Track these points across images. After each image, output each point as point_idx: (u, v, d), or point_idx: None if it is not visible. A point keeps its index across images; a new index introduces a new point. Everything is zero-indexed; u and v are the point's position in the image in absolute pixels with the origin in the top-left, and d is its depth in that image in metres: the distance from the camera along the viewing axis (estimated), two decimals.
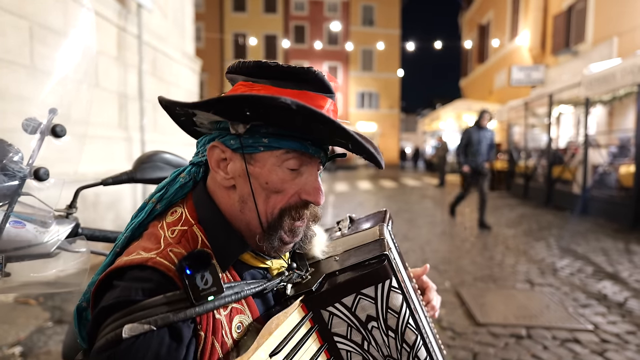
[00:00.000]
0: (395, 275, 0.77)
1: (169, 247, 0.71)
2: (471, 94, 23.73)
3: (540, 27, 14.92)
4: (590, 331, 3.26)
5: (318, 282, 0.79)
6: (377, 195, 12.93)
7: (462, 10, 26.52)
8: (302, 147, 0.74)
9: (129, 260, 0.69)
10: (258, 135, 0.72)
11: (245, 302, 0.74)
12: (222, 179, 0.77)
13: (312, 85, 0.74)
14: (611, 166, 8.45)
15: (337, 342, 0.79)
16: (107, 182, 1.34)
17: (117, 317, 0.63)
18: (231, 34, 32.44)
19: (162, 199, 0.81)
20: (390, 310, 0.77)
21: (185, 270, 0.62)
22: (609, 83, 7.05)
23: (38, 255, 1.03)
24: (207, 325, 0.67)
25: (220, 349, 0.67)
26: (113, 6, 5.25)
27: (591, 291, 4.11)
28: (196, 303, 0.63)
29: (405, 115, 47.58)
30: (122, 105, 5.52)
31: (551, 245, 6.00)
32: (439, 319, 3.48)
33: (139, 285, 0.66)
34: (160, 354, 0.61)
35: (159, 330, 0.62)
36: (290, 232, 0.77)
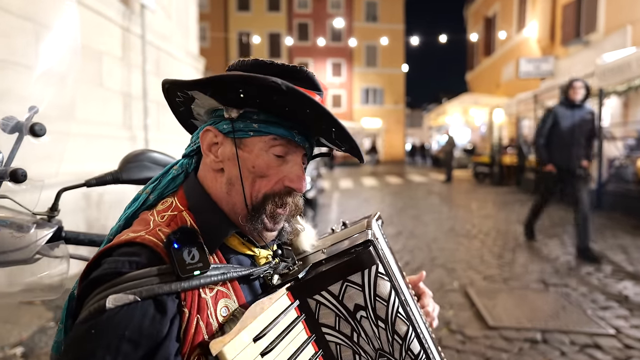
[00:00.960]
0: (382, 262, 0.76)
1: (158, 227, 0.73)
2: (478, 88, 23.38)
3: (549, 17, 14.56)
4: (612, 336, 3.04)
5: (305, 270, 0.79)
6: (382, 192, 12.73)
7: (468, 3, 26.16)
8: (289, 134, 0.78)
9: (117, 241, 0.71)
10: (249, 120, 0.77)
11: (231, 287, 0.75)
12: (211, 161, 0.80)
13: (304, 83, 0.77)
14: (628, 159, 8.15)
15: (326, 333, 0.77)
16: (90, 184, 1.29)
17: (102, 289, 0.63)
18: (236, 33, 32.60)
19: (154, 190, 0.84)
20: (379, 298, 0.76)
21: (173, 244, 0.66)
22: (624, 73, 6.76)
23: (15, 262, 0.99)
24: (192, 302, 0.67)
25: (204, 329, 0.67)
26: (117, 7, 5.32)
27: (611, 292, 3.86)
28: (182, 276, 0.65)
29: (410, 111, 47.26)
30: (126, 105, 5.60)
31: (565, 243, 5.74)
32: (448, 322, 3.31)
33: (126, 258, 0.66)
34: (143, 325, 0.61)
35: (144, 301, 0.62)
36: (272, 218, 0.79)
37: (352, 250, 0.78)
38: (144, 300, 0.62)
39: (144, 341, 0.61)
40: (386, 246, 0.88)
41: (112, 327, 0.60)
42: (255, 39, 28.11)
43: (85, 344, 0.60)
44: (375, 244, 0.77)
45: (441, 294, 3.88)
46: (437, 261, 4.94)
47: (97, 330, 0.60)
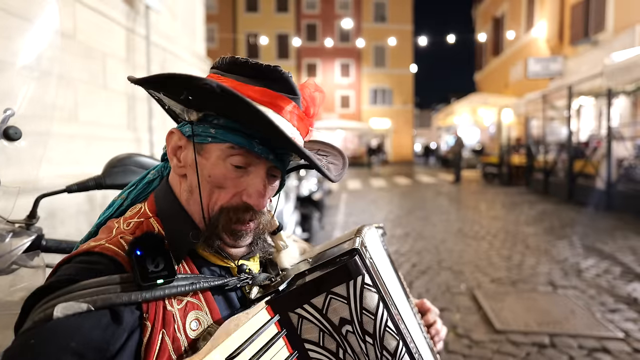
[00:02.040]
0: (369, 272, 0.70)
1: (120, 234, 0.69)
2: (486, 88, 23.26)
3: (558, 17, 14.45)
4: (621, 339, 3.01)
5: (286, 282, 0.73)
6: (390, 193, 12.70)
7: (476, 3, 26.05)
8: (248, 144, 0.70)
9: (76, 251, 0.66)
10: (208, 124, 0.71)
11: (204, 299, 0.69)
12: (175, 166, 0.76)
13: (277, 84, 0.71)
14: (637, 159, 8.07)
15: (309, 349, 0.70)
16: (71, 189, 1.23)
17: (51, 297, 0.57)
18: (244, 34, 32.71)
19: (129, 195, 0.81)
20: (365, 311, 0.69)
21: (135, 251, 0.60)
22: (632, 72, 6.71)
23: None
24: (155, 315, 0.61)
25: (170, 345, 0.61)
26: (121, 8, 5.30)
27: (620, 294, 3.83)
28: (144, 285, 0.59)
29: (419, 111, 47.10)
30: (130, 107, 5.57)
31: (574, 244, 5.70)
32: (454, 326, 3.29)
33: (83, 266, 0.62)
34: (92, 336, 0.55)
35: (98, 311, 0.56)
36: (232, 235, 0.72)
37: (337, 260, 0.72)
38: (97, 310, 0.56)
39: (91, 355, 0.54)
40: (382, 255, 0.84)
41: (55, 337, 0.54)
42: (263, 40, 28.20)
43: (25, 355, 0.53)
44: (361, 253, 0.71)
45: (448, 297, 3.88)
46: (444, 263, 4.94)
47: (38, 341, 0.54)
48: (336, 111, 33.10)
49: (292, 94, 0.72)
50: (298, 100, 0.74)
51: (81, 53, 4.36)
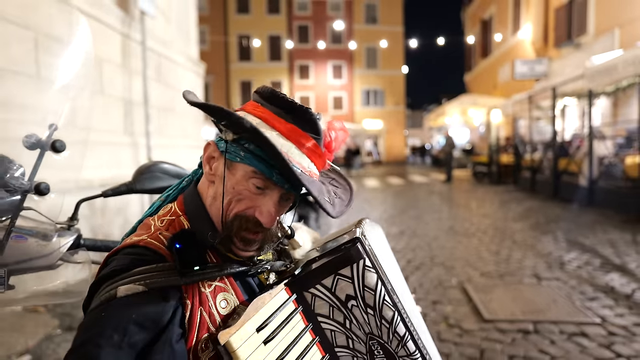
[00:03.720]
0: (368, 256, 0.83)
1: (158, 231, 0.82)
2: (476, 89, 23.62)
3: (542, 20, 14.83)
4: (598, 324, 3.26)
5: (300, 267, 0.87)
6: (384, 193, 12.95)
7: (465, 6, 26.41)
8: (268, 172, 0.81)
9: (122, 245, 0.80)
10: (239, 147, 0.82)
11: (229, 283, 0.83)
12: (207, 172, 0.88)
13: (305, 124, 0.82)
14: (617, 157, 8.42)
15: (321, 322, 0.86)
16: (107, 194, 1.36)
17: (112, 282, 0.72)
18: (235, 36, 32.48)
19: (167, 198, 0.94)
20: (367, 288, 0.83)
21: (175, 244, 0.74)
22: (611, 74, 7.04)
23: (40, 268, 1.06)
24: (193, 296, 0.75)
25: (208, 319, 0.76)
26: (116, 14, 5.29)
27: (599, 284, 4.12)
28: (184, 271, 0.73)
29: (411, 112, 47.39)
30: (127, 112, 5.55)
31: (558, 239, 6.01)
32: (446, 317, 3.50)
33: (133, 257, 0.76)
34: (148, 311, 0.69)
35: (150, 291, 0.70)
36: (243, 241, 0.83)
37: (342, 247, 0.85)
38: (150, 291, 0.70)
39: (148, 324, 0.68)
40: (380, 242, 0.96)
41: (121, 311, 0.68)
42: (256, 42, 28.04)
43: (96, 325, 0.67)
44: (362, 241, 0.84)
45: (440, 290, 4.11)
46: (437, 259, 5.19)
47: (108, 314, 0.67)
48: (329, 113, 33.15)
49: (316, 134, 0.84)
50: (320, 141, 0.85)
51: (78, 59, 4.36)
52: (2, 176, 0.94)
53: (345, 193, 1.00)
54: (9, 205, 0.95)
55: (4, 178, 0.94)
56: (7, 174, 0.95)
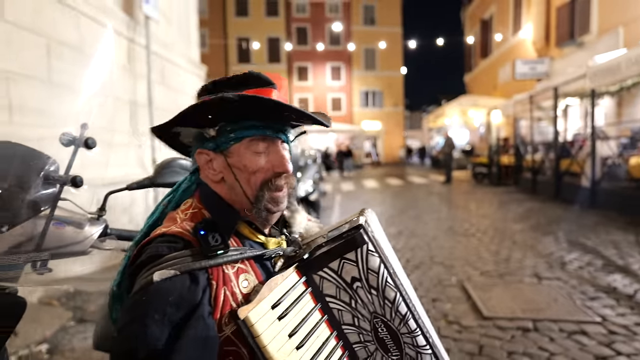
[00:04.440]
0: (371, 242, 0.91)
1: (184, 221, 0.91)
2: (476, 89, 23.60)
3: (544, 19, 14.80)
4: (598, 323, 3.22)
5: (308, 252, 0.94)
6: (383, 194, 12.92)
7: (464, 6, 26.42)
8: (261, 132, 0.93)
9: (153, 235, 0.89)
10: (225, 133, 0.93)
11: (249, 265, 0.91)
12: (212, 175, 0.97)
13: (256, 83, 0.93)
14: (620, 158, 8.35)
15: (329, 301, 0.93)
16: (131, 187, 1.47)
17: (148, 268, 0.81)
18: (235, 39, 32.67)
19: (170, 202, 1.02)
20: (371, 270, 0.90)
21: (199, 231, 0.84)
22: (614, 74, 6.98)
23: (76, 253, 1.16)
24: (218, 276, 0.84)
25: (231, 297, 0.84)
26: (122, 19, 5.50)
27: (600, 284, 4.06)
28: (209, 255, 0.82)
29: (409, 113, 47.46)
30: (132, 113, 5.77)
31: (560, 239, 5.94)
32: (445, 314, 3.48)
33: (164, 244, 0.84)
34: (183, 293, 0.78)
35: (182, 275, 0.79)
36: (274, 201, 0.95)
37: (346, 234, 0.92)
38: (182, 274, 0.79)
39: (184, 304, 0.78)
40: (380, 231, 1.03)
41: (159, 294, 0.77)
42: (255, 45, 28.20)
43: (139, 307, 0.76)
44: (365, 228, 0.92)
45: (440, 288, 4.07)
46: (436, 259, 5.14)
47: (148, 297, 0.77)
48: (328, 114, 33.26)
49: (271, 84, 0.95)
50: (275, 86, 0.96)
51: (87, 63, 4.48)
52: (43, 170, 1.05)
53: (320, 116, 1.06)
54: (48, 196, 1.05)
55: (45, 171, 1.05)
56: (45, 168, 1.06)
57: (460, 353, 2.87)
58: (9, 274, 0.97)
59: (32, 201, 1.02)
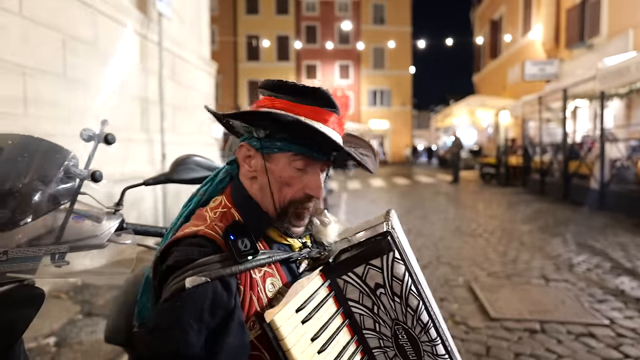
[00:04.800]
0: (397, 249, 0.91)
1: (214, 222, 0.91)
2: (484, 90, 23.50)
3: (554, 21, 14.72)
4: (606, 326, 3.23)
5: (334, 255, 0.95)
6: (390, 193, 12.92)
7: (474, 6, 26.31)
8: (308, 151, 0.92)
9: (183, 233, 0.89)
10: (274, 139, 0.92)
11: (275, 268, 0.92)
12: (246, 171, 0.97)
13: (321, 101, 0.91)
14: (630, 160, 8.31)
15: (351, 306, 0.94)
16: (148, 183, 1.49)
17: (179, 273, 0.81)
18: (244, 36, 32.77)
19: (207, 192, 1.02)
20: (395, 278, 0.91)
21: (229, 236, 0.84)
22: (624, 76, 6.96)
23: (93, 246, 1.18)
24: (245, 281, 0.85)
25: (256, 302, 0.86)
26: (136, 16, 5.54)
27: (608, 287, 4.06)
28: (239, 261, 0.82)
29: (417, 112, 47.36)
30: (143, 109, 5.78)
31: (568, 241, 5.94)
32: (452, 314, 3.49)
33: (194, 248, 0.85)
34: (216, 299, 0.79)
35: (213, 281, 0.79)
36: (297, 217, 0.95)
37: (373, 239, 0.92)
38: (213, 281, 0.79)
39: (219, 312, 0.79)
40: (402, 234, 1.02)
41: (193, 300, 0.77)
42: (265, 43, 28.25)
43: (174, 314, 0.77)
44: (392, 234, 0.91)
45: (447, 289, 4.09)
46: (443, 259, 5.16)
47: (182, 303, 0.77)
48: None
49: (333, 107, 0.94)
50: (337, 111, 0.95)
51: (101, 59, 4.56)
52: (63, 164, 1.05)
53: (367, 150, 1.10)
54: (68, 190, 1.06)
55: (66, 166, 1.05)
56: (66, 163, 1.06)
57: (467, 354, 2.88)
58: (29, 266, 0.98)
59: (53, 195, 1.02)
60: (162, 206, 5.92)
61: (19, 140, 1.05)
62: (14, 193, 0.95)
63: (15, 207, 0.95)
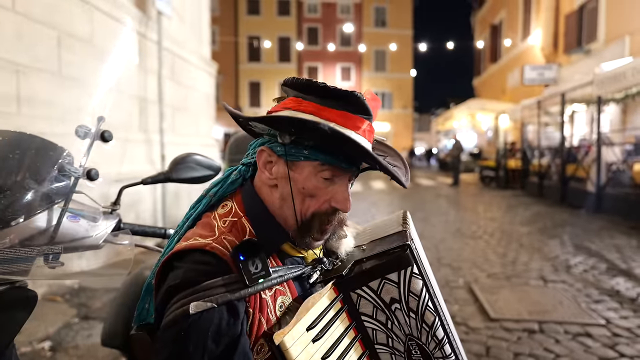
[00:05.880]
0: (416, 263, 0.86)
1: (222, 234, 0.83)
2: (484, 94, 23.63)
3: (552, 26, 14.86)
4: (602, 326, 3.31)
5: (347, 268, 0.89)
6: (391, 195, 13.00)
7: (474, 10, 26.43)
8: (336, 161, 0.84)
9: (189, 245, 0.81)
10: (301, 146, 0.84)
11: (287, 285, 0.86)
12: (266, 178, 0.88)
13: (353, 107, 0.82)
14: (625, 164, 8.44)
15: (364, 321, 0.89)
16: (146, 182, 1.43)
17: (183, 296, 0.74)
18: (245, 37, 32.76)
19: (217, 193, 0.94)
20: (412, 293, 0.86)
21: (239, 257, 0.76)
22: (620, 82, 7.09)
23: (89, 247, 1.12)
24: (254, 303, 0.79)
25: (265, 324, 0.80)
26: (134, 14, 5.44)
27: (604, 287, 4.17)
28: (249, 284, 0.76)
29: (418, 115, 47.48)
30: (142, 109, 5.67)
31: (565, 243, 6.06)
32: (453, 315, 3.56)
33: (200, 267, 0.77)
34: (221, 326, 0.74)
35: (219, 307, 0.73)
36: (320, 232, 0.88)
37: (391, 252, 0.87)
38: (220, 306, 0.73)
39: (224, 339, 0.74)
40: (418, 241, 0.97)
41: (197, 329, 0.72)
42: (266, 44, 28.27)
43: (179, 343, 0.72)
44: (411, 247, 0.86)
45: (447, 290, 4.17)
46: (443, 260, 5.25)
47: (186, 332, 0.72)
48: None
49: (367, 114, 0.84)
50: (371, 118, 0.86)
51: (97, 56, 4.47)
52: (58, 162, 1.01)
53: (395, 160, 1.02)
54: (63, 189, 1.01)
55: (60, 164, 1.01)
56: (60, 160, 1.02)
57: (468, 354, 2.87)
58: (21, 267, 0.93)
59: (46, 193, 0.98)
60: (161, 206, 5.84)
61: (11, 137, 1.01)
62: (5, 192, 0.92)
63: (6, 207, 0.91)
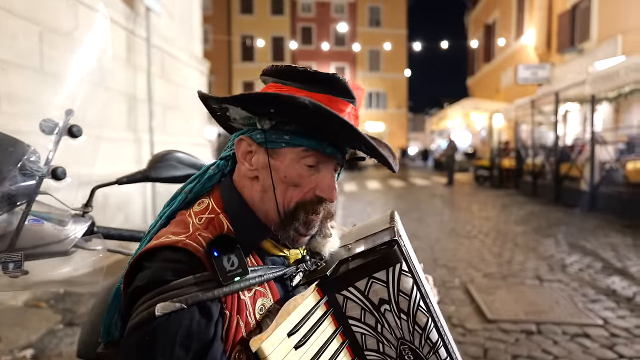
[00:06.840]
0: (405, 260, 0.80)
1: (197, 231, 0.76)
2: (478, 93, 23.71)
3: (546, 25, 14.93)
4: (600, 326, 3.30)
5: (332, 267, 0.82)
6: (386, 195, 13.00)
7: (468, 10, 26.53)
8: (320, 146, 0.79)
9: (159, 243, 0.74)
10: (281, 132, 0.78)
11: (268, 286, 0.79)
12: (246, 169, 0.82)
13: (336, 90, 0.79)
14: (618, 162, 8.47)
15: (352, 325, 0.82)
16: (121, 182, 1.34)
17: (150, 297, 0.67)
18: (239, 36, 32.68)
19: (193, 189, 0.87)
20: (402, 293, 0.80)
21: (213, 253, 0.69)
22: (613, 81, 7.12)
23: (55, 253, 1.04)
24: (232, 305, 0.72)
25: (244, 328, 0.72)
26: (122, 10, 5.32)
27: (600, 286, 4.17)
28: (224, 283, 0.69)
29: (413, 115, 47.54)
30: (131, 107, 5.55)
31: (560, 242, 6.06)
32: (449, 316, 3.53)
33: (170, 265, 0.70)
34: (191, 330, 0.66)
35: (190, 308, 0.66)
36: (305, 225, 0.81)
37: (377, 249, 0.81)
38: (190, 307, 0.66)
39: (194, 344, 0.66)
40: (407, 240, 0.92)
41: (165, 332, 0.65)
42: (259, 43, 28.19)
43: (143, 350, 0.65)
44: (399, 243, 0.80)
45: (443, 291, 4.14)
46: (439, 261, 5.22)
47: (151, 337, 0.65)
48: None
49: (350, 97, 0.81)
50: (354, 102, 0.82)
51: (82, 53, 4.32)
52: (20, 160, 0.93)
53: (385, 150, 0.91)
54: (25, 189, 0.93)
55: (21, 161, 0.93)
56: (23, 158, 0.94)
57: (465, 356, 2.88)
58: None
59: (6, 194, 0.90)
60: (152, 208, 5.73)
61: None
62: None
63: None
